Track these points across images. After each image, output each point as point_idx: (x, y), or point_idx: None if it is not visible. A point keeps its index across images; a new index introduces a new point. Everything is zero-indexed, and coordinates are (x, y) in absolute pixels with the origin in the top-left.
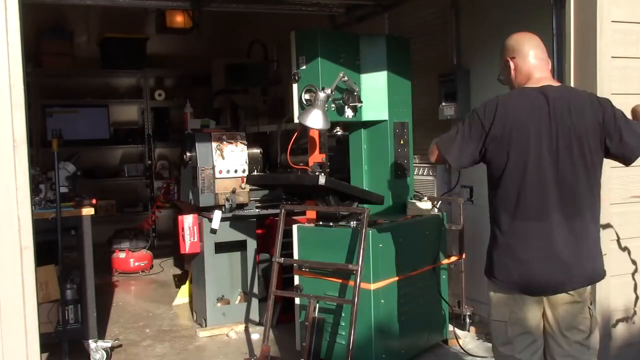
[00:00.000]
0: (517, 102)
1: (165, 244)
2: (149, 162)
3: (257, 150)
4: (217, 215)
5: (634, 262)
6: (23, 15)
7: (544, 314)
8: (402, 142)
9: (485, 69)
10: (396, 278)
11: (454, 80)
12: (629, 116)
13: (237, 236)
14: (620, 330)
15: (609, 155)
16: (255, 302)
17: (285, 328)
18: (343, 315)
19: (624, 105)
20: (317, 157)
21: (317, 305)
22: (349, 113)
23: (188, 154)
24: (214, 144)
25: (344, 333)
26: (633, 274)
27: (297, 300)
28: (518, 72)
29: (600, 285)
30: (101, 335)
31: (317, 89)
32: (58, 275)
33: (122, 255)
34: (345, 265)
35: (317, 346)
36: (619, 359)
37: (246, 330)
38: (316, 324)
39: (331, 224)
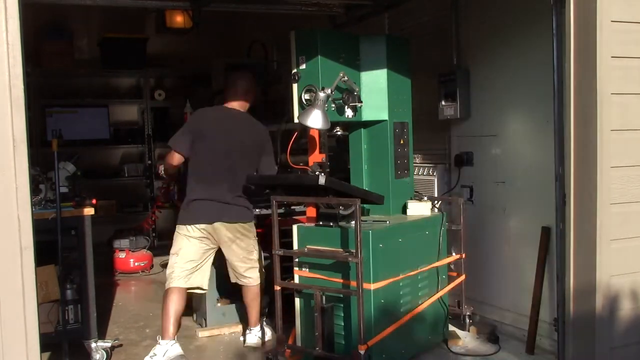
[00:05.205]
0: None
1: (165, 244)
2: (149, 162)
3: None
4: None
5: (634, 262)
6: (23, 15)
7: None
8: (402, 142)
9: (485, 69)
10: (396, 278)
11: (454, 80)
12: None
13: None
14: (621, 330)
15: None
16: None
17: (285, 328)
18: (344, 312)
19: (624, 105)
20: (317, 157)
21: (324, 295)
22: (349, 113)
23: None
24: None
25: (348, 326)
26: (633, 274)
27: (297, 300)
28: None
29: (600, 286)
30: (101, 335)
31: (317, 89)
32: (58, 275)
33: (122, 255)
34: (344, 254)
35: (329, 333)
36: (619, 359)
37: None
38: (326, 312)
39: (331, 223)
